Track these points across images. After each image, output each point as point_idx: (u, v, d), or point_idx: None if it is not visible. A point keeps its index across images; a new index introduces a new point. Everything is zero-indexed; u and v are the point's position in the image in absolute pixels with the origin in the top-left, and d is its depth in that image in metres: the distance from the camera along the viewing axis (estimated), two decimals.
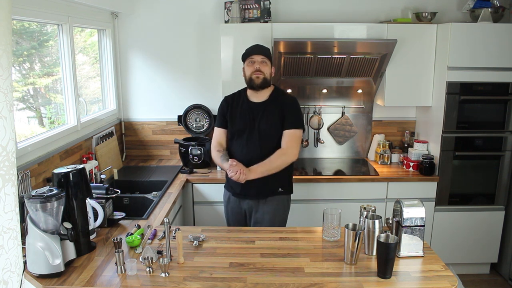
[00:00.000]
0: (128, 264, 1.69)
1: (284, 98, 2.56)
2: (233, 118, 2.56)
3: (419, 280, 1.68)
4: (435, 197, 3.23)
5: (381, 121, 3.68)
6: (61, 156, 2.60)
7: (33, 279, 1.66)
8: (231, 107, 2.59)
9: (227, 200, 2.66)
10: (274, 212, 2.52)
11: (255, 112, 2.51)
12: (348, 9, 3.48)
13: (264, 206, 2.52)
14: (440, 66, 3.17)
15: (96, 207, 2.00)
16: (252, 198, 2.53)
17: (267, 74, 2.47)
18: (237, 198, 2.58)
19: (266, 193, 2.51)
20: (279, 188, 2.53)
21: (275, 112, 2.49)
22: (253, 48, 2.52)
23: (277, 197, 2.54)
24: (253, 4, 3.27)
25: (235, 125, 2.55)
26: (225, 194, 2.69)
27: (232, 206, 2.62)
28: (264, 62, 2.46)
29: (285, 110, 2.49)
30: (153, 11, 3.48)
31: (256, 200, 2.53)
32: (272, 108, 2.50)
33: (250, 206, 2.55)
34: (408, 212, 1.79)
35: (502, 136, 3.19)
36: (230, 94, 2.68)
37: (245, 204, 2.57)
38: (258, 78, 2.45)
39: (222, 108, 2.64)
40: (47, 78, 2.78)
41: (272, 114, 2.49)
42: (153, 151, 3.71)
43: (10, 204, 1.56)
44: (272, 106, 2.51)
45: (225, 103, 2.64)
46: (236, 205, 2.60)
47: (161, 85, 3.61)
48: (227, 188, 2.67)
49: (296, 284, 1.62)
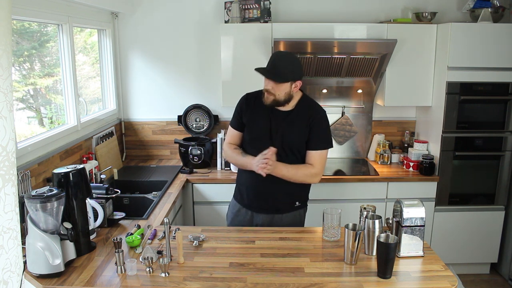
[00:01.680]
0: (128, 264, 1.69)
1: (314, 111, 2.20)
2: (252, 123, 2.24)
3: (419, 280, 1.68)
4: (435, 197, 3.23)
5: (381, 121, 3.68)
6: (61, 156, 2.60)
7: (33, 279, 1.65)
8: (252, 109, 2.24)
9: (235, 212, 2.36)
10: None
11: (277, 122, 2.18)
12: (348, 9, 3.48)
13: (281, 221, 2.26)
14: (440, 66, 3.17)
15: (96, 207, 2.00)
16: (268, 212, 2.26)
17: (280, 96, 2.10)
18: (250, 211, 2.30)
19: (284, 208, 2.26)
20: (297, 202, 2.29)
21: (301, 126, 2.17)
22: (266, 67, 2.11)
23: (294, 212, 2.29)
24: (253, 4, 3.27)
25: (251, 132, 2.24)
26: (234, 206, 2.38)
27: (242, 220, 2.32)
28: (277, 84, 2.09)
29: (315, 126, 2.17)
30: (153, 11, 3.48)
31: (272, 215, 2.26)
32: (298, 120, 2.17)
33: (264, 221, 2.27)
34: (408, 212, 1.79)
35: (502, 136, 3.19)
36: (253, 92, 2.30)
37: (258, 219, 2.28)
38: (267, 98, 2.13)
39: (241, 107, 2.28)
40: (48, 78, 2.78)
41: (298, 127, 2.17)
42: (153, 151, 3.71)
43: (10, 204, 1.56)
44: (298, 118, 2.18)
45: (245, 102, 2.28)
46: (247, 219, 2.30)
47: (161, 85, 3.61)
48: (238, 199, 2.36)
49: (296, 284, 1.62)
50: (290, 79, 2.09)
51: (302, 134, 2.18)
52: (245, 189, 2.30)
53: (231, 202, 2.44)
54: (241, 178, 2.35)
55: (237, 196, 2.38)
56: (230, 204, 2.44)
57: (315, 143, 2.19)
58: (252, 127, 2.24)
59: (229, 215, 2.42)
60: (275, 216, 2.26)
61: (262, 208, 2.27)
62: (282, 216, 2.27)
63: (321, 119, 2.21)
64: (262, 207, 2.26)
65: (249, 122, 2.24)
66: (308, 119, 2.18)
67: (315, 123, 2.18)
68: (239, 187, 2.37)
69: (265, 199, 2.24)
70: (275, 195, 2.23)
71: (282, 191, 2.23)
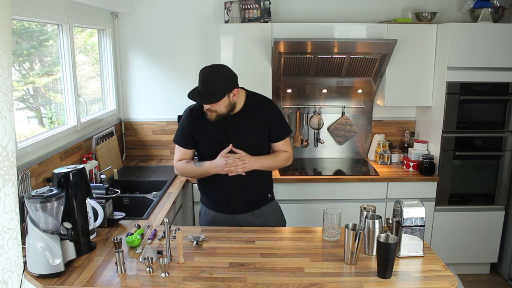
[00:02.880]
0: (128, 264, 1.69)
1: (265, 105, 2.21)
2: (207, 137, 2.15)
3: (419, 280, 1.68)
4: (435, 197, 3.23)
5: (381, 121, 3.68)
6: (61, 156, 2.60)
7: (33, 279, 1.65)
8: (199, 123, 2.14)
9: (211, 220, 2.27)
10: (275, 220, 2.31)
11: (232, 126, 2.13)
12: (348, 9, 3.48)
13: (261, 215, 2.26)
14: (440, 66, 3.17)
15: (96, 207, 2.00)
16: (247, 210, 2.23)
17: (222, 110, 2.04)
18: (227, 215, 2.24)
19: (259, 202, 2.26)
20: (268, 194, 2.31)
21: (258, 122, 2.16)
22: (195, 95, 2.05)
23: (270, 204, 2.31)
24: (253, 4, 3.27)
25: (210, 146, 2.15)
26: (207, 214, 2.29)
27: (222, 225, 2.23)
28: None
29: (273, 119, 2.19)
30: (153, 11, 3.48)
31: (251, 212, 2.24)
32: (253, 118, 2.15)
33: (246, 219, 2.24)
34: (408, 212, 1.79)
35: (502, 136, 3.19)
36: (196, 105, 2.18)
37: (241, 219, 2.23)
38: (211, 115, 2.06)
39: (188, 122, 2.17)
40: (47, 77, 2.78)
41: (255, 124, 2.15)
42: (153, 151, 3.71)
43: (10, 204, 1.56)
44: (252, 115, 2.15)
45: (190, 117, 2.17)
46: (228, 224, 2.23)
47: (161, 85, 3.61)
48: (208, 205, 2.28)
49: (296, 284, 1.62)
50: (226, 93, 2.02)
51: (261, 130, 2.18)
52: (218, 196, 2.24)
53: (201, 210, 2.35)
54: (207, 188, 2.27)
55: (209, 204, 2.29)
56: (201, 211, 2.35)
57: (280, 134, 2.23)
58: (208, 140, 2.16)
59: (204, 223, 2.32)
60: (254, 212, 2.25)
61: (240, 209, 2.23)
62: (261, 210, 2.26)
63: (276, 110, 2.23)
64: (239, 208, 2.23)
65: (203, 137, 2.16)
66: (263, 115, 2.18)
67: (272, 117, 2.20)
68: (207, 196, 2.29)
69: (240, 201, 2.22)
70: (250, 194, 2.22)
71: (255, 188, 2.23)
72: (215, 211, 2.27)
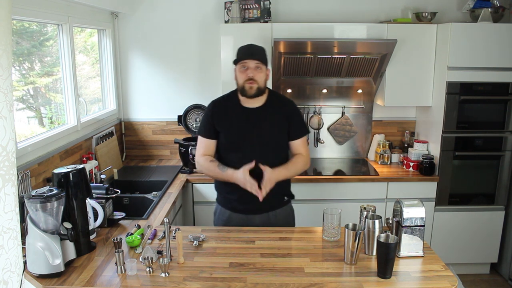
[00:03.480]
0: (128, 264, 1.69)
1: (284, 102, 2.29)
2: (227, 128, 2.20)
3: (419, 280, 1.68)
4: (435, 197, 3.23)
5: (381, 121, 3.68)
6: (61, 156, 2.60)
7: (33, 279, 1.65)
8: (222, 114, 2.22)
9: (226, 219, 2.29)
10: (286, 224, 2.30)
11: (253, 120, 2.19)
12: (348, 9, 3.48)
13: (275, 218, 2.27)
14: (440, 66, 3.17)
15: (96, 207, 2.00)
16: (263, 211, 2.24)
17: (261, 83, 2.13)
18: (242, 215, 2.26)
19: (276, 205, 2.27)
20: (285, 197, 2.32)
21: (277, 118, 2.21)
22: (245, 51, 2.15)
23: (285, 207, 2.33)
24: (253, 4, 3.27)
25: (230, 136, 2.20)
26: (222, 213, 2.32)
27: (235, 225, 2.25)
28: (258, 68, 2.11)
29: (290, 117, 2.23)
30: (153, 11, 3.48)
31: (267, 214, 2.25)
32: (273, 114, 2.21)
33: (260, 221, 2.25)
34: (408, 212, 1.79)
35: (502, 136, 3.19)
36: (219, 98, 2.32)
37: (255, 220, 2.25)
38: (251, 88, 2.12)
39: (211, 114, 2.24)
40: (47, 77, 2.78)
41: (275, 120, 2.20)
42: (153, 151, 3.71)
43: (10, 204, 1.56)
44: (273, 111, 2.22)
45: (214, 109, 2.25)
46: (242, 224, 2.25)
47: (161, 85, 3.61)
48: (227, 206, 2.30)
49: (296, 284, 1.62)
50: (267, 63, 2.19)
51: (281, 126, 2.22)
52: (235, 196, 2.23)
53: (217, 209, 2.36)
54: (225, 188, 2.26)
55: (225, 203, 2.31)
56: (216, 211, 2.36)
57: (298, 132, 2.26)
58: (229, 130, 2.20)
59: (219, 222, 2.34)
60: (269, 214, 2.26)
61: (256, 209, 2.23)
62: (276, 212, 2.28)
63: (295, 109, 2.29)
64: (255, 208, 2.22)
65: (224, 126, 2.21)
66: (283, 111, 2.24)
67: (292, 114, 2.25)
68: (224, 195, 2.31)
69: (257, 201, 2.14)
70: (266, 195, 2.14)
71: (272, 190, 2.15)
72: (231, 211, 2.28)
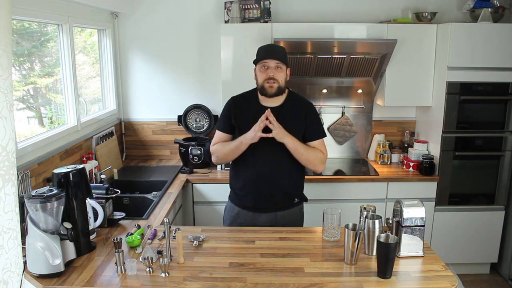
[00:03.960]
0: (128, 264, 1.69)
1: (303, 103, 2.28)
2: (243, 124, 2.21)
3: (419, 280, 1.68)
4: (435, 197, 3.23)
5: (381, 121, 3.68)
6: (61, 156, 2.60)
7: (33, 279, 1.65)
8: (240, 110, 2.26)
9: (234, 215, 2.33)
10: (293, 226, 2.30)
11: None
12: (348, 9, 3.48)
13: (283, 219, 2.27)
14: (440, 66, 3.17)
15: (96, 207, 2.00)
16: (270, 211, 2.26)
17: (281, 82, 2.15)
18: (251, 212, 2.28)
19: (284, 206, 2.28)
20: (296, 198, 2.33)
21: (295, 118, 2.21)
22: (266, 51, 2.17)
23: (294, 208, 2.33)
24: (253, 4, 3.27)
25: (245, 132, 2.19)
26: (232, 209, 2.35)
27: (242, 222, 2.29)
28: (278, 68, 2.12)
29: (308, 117, 2.23)
30: (153, 11, 3.48)
31: (274, 213, 2.26)
32: (291, 114, 2.22)
33: (267, 220, 2.26)
34: (408, 212, 1.79)
35: (502, 136, 3.19)
36: (239, 95, 2.35)
37: (261, 219, 2.27)
38: (271, 87, 2.14)
39: (229, 109, 2.28)
40: (48, 78, 2.78)
41: (292, 120, 2.20)
42: (153, 151, 3.71)
43: (10, 204, 1.56)
44: (290, 111, 2.22)
45: (233, 105, 2.29)
46: (248, 221, 2.28)
47: (161, 85, 3.61)
48: (236, 202, 2.33)
49: (296, 284, 1.62)
50: (287, 63, 2.19)
51: (298, 126, 2.22)
52: (245, 192, 2.28)
53: (227, 205, 2.41)
54: (237, 183, 2.32)
55: (235, 200, 2.34)
56: (227, 207, 2.41)
57: (316, 133, 2.27)
58: (245, 127, 2.19)
59: (227, 218, 2.38)
60: (277, 214, 2.27)
61: (264, 208, 2.26)
62: (283, 213, 2.28)
63: (314, 111, 2.29)
64: (263, 207, 2.26)
65: (241, 123, 2.23)
66: (301, 112, 2.24)
67: (310, 115, 2.25)
68: (235, 191, 2.34)
69: (266, 199, 2.24)
70: (275, 194, 2.24)
71: (282, 190, 2.25)
72: (240, 207, 2.31)
